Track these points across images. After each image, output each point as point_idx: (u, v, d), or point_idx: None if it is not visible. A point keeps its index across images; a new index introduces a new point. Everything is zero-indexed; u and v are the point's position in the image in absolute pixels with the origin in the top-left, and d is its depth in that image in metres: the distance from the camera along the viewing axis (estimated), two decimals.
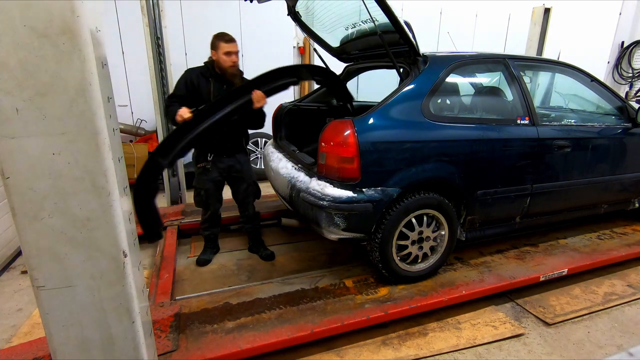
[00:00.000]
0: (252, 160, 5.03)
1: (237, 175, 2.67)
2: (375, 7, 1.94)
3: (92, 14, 1.07)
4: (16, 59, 0.96)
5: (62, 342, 1.22)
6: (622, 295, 2.44)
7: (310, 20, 2.87)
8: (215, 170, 2.58)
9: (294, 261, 2.80)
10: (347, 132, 2.01)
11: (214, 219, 2.78)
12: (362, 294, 2.20)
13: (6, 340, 2.02)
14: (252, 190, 2.77)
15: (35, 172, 1.04)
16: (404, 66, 2.31)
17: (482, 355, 1.93)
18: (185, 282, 2.53)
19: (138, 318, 1.27)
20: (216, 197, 2.69)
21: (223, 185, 2.71)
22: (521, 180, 2.47)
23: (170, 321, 1.92)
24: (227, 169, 2.63)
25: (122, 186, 1.23)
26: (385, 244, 2.16)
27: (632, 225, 3.30)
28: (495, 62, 2.61)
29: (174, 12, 4.50)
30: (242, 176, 2.69)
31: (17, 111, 0.99)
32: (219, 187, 2.69)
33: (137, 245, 1.40)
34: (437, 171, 2.19)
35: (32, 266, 1.11)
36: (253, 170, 2.81)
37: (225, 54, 2.39)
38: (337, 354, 1.91)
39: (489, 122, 2.40)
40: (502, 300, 2.38)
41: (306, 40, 5.21)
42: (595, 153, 2.73)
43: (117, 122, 1.32)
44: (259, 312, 2.02)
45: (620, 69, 6.68)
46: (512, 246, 2.85)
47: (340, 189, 2.04)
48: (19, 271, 2.72)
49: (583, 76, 2.88)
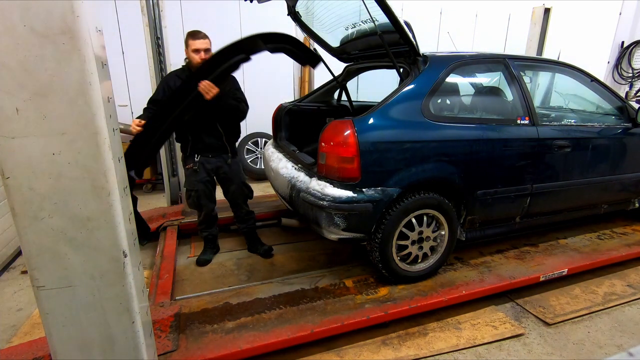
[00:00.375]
0: (252, 160, 5.03)
1: (224, 175, 2.65)
2: (375, 7, 1.94)
3: (92, 14, 1.07)
4: (16, 59, 0.96)
5: (62, 342, 1.22)
6: (622, 295, 2.44)
7: (310, 20, 2.87)
8: (203, 170, 2.56)
9: (293, 261, 2.80)
10: (347, 132, 2.01)
11: (209, 219, 2.75)
12: (362, 294, 2.20)
13: (6, 340, 2.02)
14: (241, 192, 2.72)
15: (35, 172, 1.04)
16: (404, 66, 2.31)
17: (482, 355, 1.93)
18: (185, 282, 2.53)
19: (138, 318, 1.27)
20: (207, 198, 2.65)
21: (214, 185, 2.68)
22: (521, 180, 2.47)
23: (170, 321, 1.92)
24: (215, 170, 2.60)
25: (122, 186, 1.23)
26: (385, 244, 2.16)
27: (632, 225, 3.30)
28: (495, 62, 2.61)
29: (174, 12, 4.50)
30: (229, 177, 2.65)
31: (17, 111, 0.99)
32: (209, 187, 2.65)
33: (137, 245, 1.40)
34: (437, 171, 2.19)
35: (32, 266, 1.11)
36: (242, 171, 2.75)
37: (194, 52, 2.33)
38: (337, 354, 1.91)
39: (489, 122, 2.40)
40: (502, 300, 2.38)
41: (306, 40, 5.21)
42: (595, 153, 2.73)
43: (117, 122, 1.32)
44: (259, 312, 2.02)
45: (620, 69, 6.68)
46: (512, 246, 2.85)
47: (340, 189, 2.04)
48: (19, 271, 2.72)
49: (583, 76, 2.88)
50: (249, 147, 5.02)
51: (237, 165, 2.69)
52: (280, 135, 3.18)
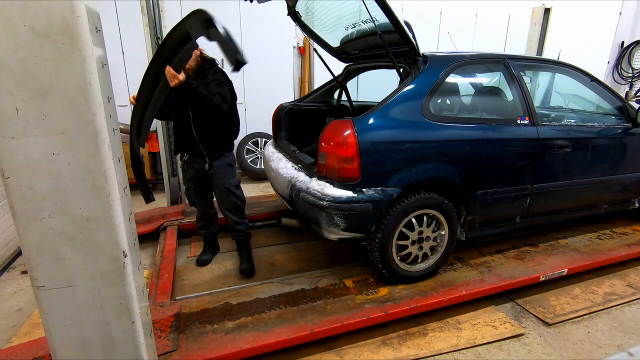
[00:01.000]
0: (252, 160, 5.03)
1: (210, 178, 2.49)
2: (375, 7, 1.94)
3: (92, 14, 1.07)
4: (16, 59, 0.96)
5: (62, 342, 1.22)
6: (622, 295, 2.44)
7: (310, 20, 2.87)
8: (191, 169, 2.51)
9: (294, 261, 2.80)
10: (347, 132, 2.01)
11: (206, 217, 2.71)
12: (362, 294, 2.20)
13: (6, 340, 2.01)
14: (225, 199, 2.49)
15: (35, 172, 1.04)
16: (404, 66, 2.31)
17: (482, 355, 1.93)
18: (185, 282, 2.53)
19: (138, 318, 1.27)
20: (197, 195, 2.59)
21: (205, 183, 2.54)
22: (521, 180, 2.47)
23: (170, 321, 1.92)
24: (202, 170, 2.46)
25: (122, 186, 1.23)
26: (385, 244, 2.17)
27: (632, 225, 3.30)
28: (495, 62, 2.61)
29: (174, 12, 4.48)
30: (214, 180, 2.48)
31: (17, 111, 0.99)
32: (200, 186, 2.55)
33: (137, 245, 1.40)
34: (437, 171, 2.19)
35: (32, 266, 1.11)
36: (230, 176, 2.47)
37: None
38: (337, 354, 1.91)
39: (489, 122, 2.40)
40: (502, 300, 2.38)
41: (306, 40, 5.21)
42: (595, 153, 2.73)
43: (117, 122, 1.32)
44: (259, 312, 2.02)
45: (620, 69, 6.69)
46: (512, 246, 2.85)
47: (340, 189, 2.04)
48: (19, 271, 2.72)
49: (583, 76, 2.88)
50: (249, 147, 5.02)
51: (221, 170, 2.43)
52: (280, 135, 3.18)
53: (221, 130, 2.40)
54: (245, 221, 2.63)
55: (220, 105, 2.19)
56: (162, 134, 3.48)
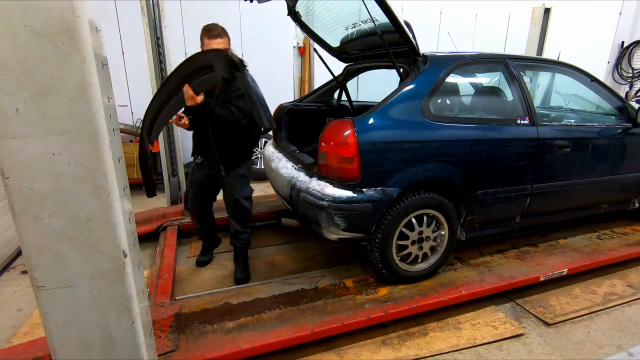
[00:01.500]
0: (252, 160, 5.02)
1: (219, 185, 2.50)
2: (375, 7, 1.94)
3: (92, 14, 1.07)
4: (16, 59, 0.96)
5: (62, 342, 1.22)
6: (622, 295, 2.44)
7: (310, 20, 2.87)
8: (200, 171, 2.46)
9: (293, 261, 2.80)
10: (347, 132, 2.01)
11: (196, 217, 2.63)
12: (362, 294, 2.20)
13: (6, 340, 2.02)
14: (232, 208, 2.45)
15: (35, 172, 1.04)
16: (404, 66, 2.31)
17: (482, 355, 1.93)
18: (185, 282, 2.53)
19: (138, 318, 1.27)
20: (193, 197, 2.53)
21: (208, 189, 2.53)
22: (521, 180, 2.47)
23: (170, 321, 1.92)
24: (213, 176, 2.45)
25: (122, 186, 1.23)
26: (385, 244, 2.16)
27: (632, 225, 3.30)
28: (495, 62, 2.61)
29: (174, 12, 4.50)
30: (224, 188, 2.47)
31: (17, 111, 0.99)
32: (201, 189, 2.50)
33: (137, 245, 1.40)
34: (437, 171, 2.19)
35: (32, 266, 1.11)
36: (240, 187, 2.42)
37: None
38: (337, 354, 1.91)
39: (489, 122, 2.40)
40: (502, 300, 2.38)
41: (306, 40, 5.21)
42: (595, 153, 2.73)
43: (117, 122, 1.32)
44: (259, 312, 2.02)
45: (620, 69, 6.69)
46: (512, 246, 2.85)
47: (340, 189, 2.04)
48: (19, 271, 2.72)
49: (583, 76, 2.88)
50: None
51: (234, 180, 2.40)
52: (280, 135, 3.18)
53: (240, 141, 2.38)
54: (247, 231, 2.58)
55: (239, 122, 2.18)
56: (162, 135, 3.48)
